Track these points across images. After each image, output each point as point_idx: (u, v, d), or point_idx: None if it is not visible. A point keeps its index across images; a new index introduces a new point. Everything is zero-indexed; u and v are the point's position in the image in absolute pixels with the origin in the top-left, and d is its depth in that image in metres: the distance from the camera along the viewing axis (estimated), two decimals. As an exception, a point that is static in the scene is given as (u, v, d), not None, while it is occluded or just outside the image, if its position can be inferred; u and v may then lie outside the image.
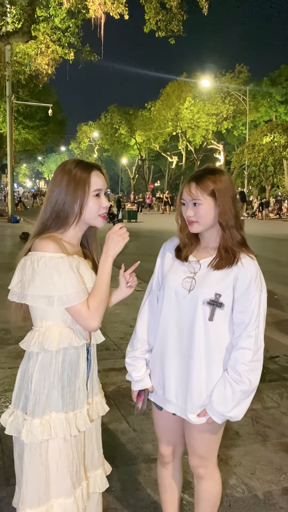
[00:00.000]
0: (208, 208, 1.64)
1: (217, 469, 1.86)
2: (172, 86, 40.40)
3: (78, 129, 52.98)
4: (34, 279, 1.46)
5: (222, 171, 1.70)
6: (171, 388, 1.74)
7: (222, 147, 41.26)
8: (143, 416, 3.19)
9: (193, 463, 1.82)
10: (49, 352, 1.54)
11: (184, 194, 1.67)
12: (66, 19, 13.46)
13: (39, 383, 1.54)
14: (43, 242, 1.50)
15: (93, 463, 1.74)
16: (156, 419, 1.91)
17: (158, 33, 13.26)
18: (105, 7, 13.20)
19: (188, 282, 1.69)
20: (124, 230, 1.61)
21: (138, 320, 1.88)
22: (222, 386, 1.64)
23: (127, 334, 4.98)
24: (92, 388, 1.71)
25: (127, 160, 55.88)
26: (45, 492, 1.54)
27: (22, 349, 1.62)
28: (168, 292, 1.74)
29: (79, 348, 1.59)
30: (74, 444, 1.58)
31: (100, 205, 1.60)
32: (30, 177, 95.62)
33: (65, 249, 1.54)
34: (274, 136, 30.42)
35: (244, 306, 1.63)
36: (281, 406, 3.48)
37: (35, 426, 1.51)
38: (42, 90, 25.31)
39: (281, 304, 6.97)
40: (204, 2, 12.39)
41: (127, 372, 1.87)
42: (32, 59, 15.92)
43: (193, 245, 1.76)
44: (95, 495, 1.75)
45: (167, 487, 1.99)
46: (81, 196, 1.55)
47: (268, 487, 2.51)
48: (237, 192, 14.99)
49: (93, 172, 1.58)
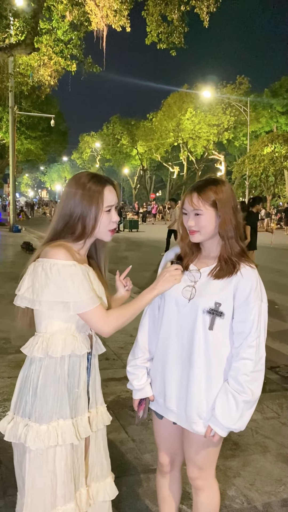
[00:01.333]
0: (209, 218, 1.65)
1: (215, 481, 1.85)
2: (173, 97, 40.78)
3: (80, 140, 53.39)
4: (49, 285, 1.49)
5: (223, 182, 1.71)
6: (172, 397, 1.74)
7: (223, 157, 41.51)
8: (142, 427, 3.18)
9: (192, 475, 1.81)
10: (53, 359, 1.55)
11: (186, 204, 1.69)
12: (69, 31, 13.63)
13: (44, 389, 1.55)
14: (55, 250, 1.52)
15: (103, 472, 1.75)
16: (156, 427, 1.91)
17: (159, 45, 13.41)
18: (107, 19, 13.38)
19: (188, 291, 1.70)
20: (178, 272, 1.67)
21: (140, 329, 1.89)
22: (225, 398, 1.63)
23: (127, 344, 4.97)
24: (96, 398, 1.73)
25: (129, 170, 56.18)
26: (51, 500, 1.54)
27: (22, 359, 1.63)
28: (169, 300, 1.75)
29: (81, 356, 1.61)
30: (75, 450, 1.60)
31: (110, 220, 1.64)
32: (32, 187, 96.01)
33: (76, 257, 1.57)
34: (275, 146, 30.56)
35: (244, 315, 1.64)
36: (281, 417, 3.46)
37: (42, 432, 1.52)
38: (44, 101, 25.49)
39: (282, 314, 6.96)
40: (205, 14, 12.54)
41: (128, 382, 1.87)
42: (34, 70, 16.09)
43: (194, 254, 1.78)
44: (106, 503, 1.76)
45: (166, 497, 1.98)
46: (95, 210, 1.59)
47: (267, 498, 2.50)
48: (238, 202, 15.01)
49: (106, 188, 1.62)
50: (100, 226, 1.62)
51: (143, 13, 13.12)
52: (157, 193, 62.47)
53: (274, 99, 38.99)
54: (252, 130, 38.50)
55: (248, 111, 34.52)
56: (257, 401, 1.67)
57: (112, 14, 13.09)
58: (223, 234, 1.67)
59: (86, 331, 1.66)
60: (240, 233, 1.71)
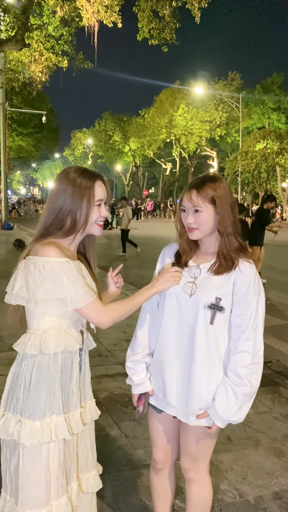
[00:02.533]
0: (208, 215, 1.67)
1: (208, 475, 1.87)
2: (165, 93, 40.69)
3: (72, 136, 53.14)
4: (44, 283, 1.49)
5: (221, 179, 1.73)
6: (172, 392, 1.75)
7: (215, 153, 41.56)
8: (135, 423, 3.20)
9: (185, 465, 1.83)
10: (46, 355, 1.56)
11: (185, 201, 1.70)
12: (60, 27, 13.56)
13: (37, 385, 1.56)
14: (46, 247, 1.52)
15: (87, 465, 1.76)
16: (153, 423, 1.92)
17: (151, 41, 13.40)
18: (99, 15, 13.32)
19: (188, 287, 1.72)
20: (178, 274, 1.69)
21: (138, 324, 1.90)
22: (224, 391, 1.66)
23: (120, 340, 4.98)
24: (85, 392, 1.74)
25: (122, 167, 56.03)
26: (45, 495, 1.55)
27: (14, 357, 1.63)
28: (169, 297, 1.76)
29: (73, 352, 1.62)
30: (67, 445, 1.62)
31: (100, 214, 1.64)
32: (24, 184, 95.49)
33: (67, 254, 1.57)
34: (267, 142, 30.63)
35: (242, 310, 1.67)
36: (273, 411, 3.49)
37: (36, 428, 1.53)
38: (36, 97, 25.36)
39: (274, 309, 7.01)
40: (196, 10, 12.53)
41: (125, 377, 1.89)
42: (25, 66, 15.99)
43: (193, 250, 1.79)
44: (88, 495, 1.77)
45: (160, 494, 1.99)
46: (86, 206, 1.59)
47: (259, 491, 2.52)
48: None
49: (96, 183, 1.62)
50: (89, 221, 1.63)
51: (134, 9, 13.10)
52: (150, 190, 62.42)
53: (266, 95, 39.08)
54: (244, 126, 38.56)
55: (240, 107, 34.57)
56: (256, 393, 1.70)
57: (103, 9, 13.04)
58: (222, 230, 1.69)
59: (78, 327, 1.67)
60: (238, 229, 1.73)
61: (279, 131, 31.72)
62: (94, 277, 1.75)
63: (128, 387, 3.72)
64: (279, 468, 2.74)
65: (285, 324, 6.30)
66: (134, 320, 1.95)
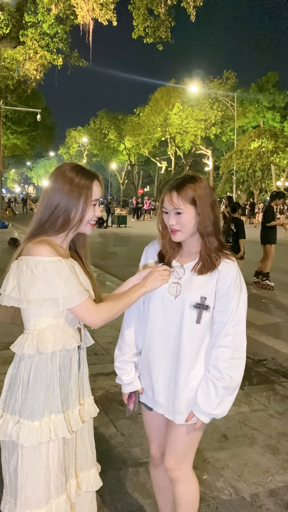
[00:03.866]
0: (189, 216, 1.67)
1: (193, 473, 1.87)
2: (160, 91, 40.63)
3: (67, 134, 52.98)
4: (36, 283, 1.48)
5: (201, 179, 1.73)
6: (159, 391, 1.77)
7: (210, 152, 41.57)
8: (131, 421, 3.20)
9: (168, 465, 1.83)
10: (44, 355, 1.56)
11: (166, 202, 1.70)
12: (55, 25, 13.51)
13: (35, 385, 1.55)
14: (38, 246, 1.51)
15: (87, 463, 1.76)
16: (146, 420, 1.94)
17: (146, 39, 13.36)
18: (94, 13, 13.26)
19: (173, 287, 1.72)
20: (167, 273, 1.70)
21: (125, 324, 1.90)
22: (205, 385, 1.68)
23: (115, 339, 4.95)
24: (83, 390, 1.75)
25: (117, 165, 55.95)
26: (45, 494, 1.55)
27: (10, 355, 1.62)
28: (154, 297, 1.77)
29: (71, 350, 1.62)
30: (66, 444, 1.62)
31: (94, 214, 1.64)
32: (19, 183, 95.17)
33: (59, 252, 1.56)
34: (261, 141, 30.70)
35: (223, 306, 1.68)
36: (268, 409, 3.50)
37: (35, 428, 1.52)
38: (30, 95, 25.25)
39: (269, 307, 7.04)
40: (191, 9, 12.51)
41: (117, 376, 1.89)
42: (20, 64, 15.90)
43: (175, 250, 1.79)
44: (89, 494, 1.77)
45: (161, 488, 2.01)
46: (83, 205, 1.59)
47: (255, 489, 2.53)
48: (225, 196, 15.03)
49: (94, 182, 1.62)
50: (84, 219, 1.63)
51: (129, 7, 13.05)
52: (145, 189, 62.40)
53: (261, 94, 39.17)
54: (239, 125, 38.60)
55: (235, 106, 34.60)
56: (238, 388, 1.71)
57: (98, 7, 12.98)
58: (202, 231, 1.69)
59: (75, 324, 1.66)
60: (218, 228, 1.73)
61: (274, 130, 31.81)
62: (89, 273, 1.74)
63: (124, 385, 3.73)
64: (275, 466, 2.75)
65: (279, 322, 6.33)
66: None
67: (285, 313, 6.77)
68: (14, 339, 1.63)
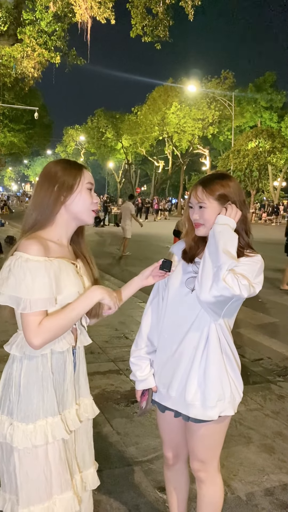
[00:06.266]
0: (213, 212, 1.66)
1: (218, 474, 1.86)
2: (158, 91, 40.60)
3: (65, 133, 52.86)
4: (9, 278, 1.43)
5: (230, 177, 1.72)
6: (173, 385, 1.74)
7: (208, 152, 41.60)
8: (127, 419, 3.20)
9: (194, 467, 1.84)
10: (34, 357, 1.52)
11: (191, 197, 1.71)
12: (53, 22, 13.47)
13: (27, 388, 1.51)
14: (27, 242, 1.46)
15: (85, 463, 1.74)
16: (160, 422, 1.93)
17: (144, 38, 13.32)
18: (92, 11, 13.21)
19: (191, 281, 1.71)
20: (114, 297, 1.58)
21: (143, 320, 1.89)
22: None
23: (112, 338, 4.97)
24: (80, 390, 1.70)
25: (114, 164, 55.90)
26: (46, 490, 1.54)
27: (5, 353, 1.61)
28: (172, 291, 1.77)
29: (65, 352, 1.58)
30: (66, 442, 1.60)
31: (92, 200, 1.60)
32: (16, 181, 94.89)
33: (50, 251, 1.51)
34: (259, 141, 30.75)
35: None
36: (264, 408, 3.51)
37: (29, 431, 1.49)
38: (28, 93, 25.12)
39: (265, 307, 7.05)
40: (190, 8, 12.49)
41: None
42: (18, 62, 15.83)
43: (200, 248, 1.77)
44: (86, 493, 1.76)
45: (173, 490, 2.01)
46: (69, 187, 1.55)
47: (250, 488, 2.53)
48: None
49: (83, 169, 1.61)
50: (82, 203, 1.58)
51: (127, 6, 13.03)
52: (142, 188, 62.34)
53: (258, 94, 39.22)
54: (236, 125, 38.66)
55: (233, 105, 34.64)
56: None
57: (97, 5, 12.94)
58: None
59: None
60: (246, 227, 1.72)
61: (271, 130, 31.88)
62: (92, 274, 1.69)
63: (119, 384, 3.73)
64: (270, 465, 2.76)
65: (275, 322, 6.34)
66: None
67: (281, 313, 6.79)
68: (8, 338, 1.62)
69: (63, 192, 1.55)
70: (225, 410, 1.71)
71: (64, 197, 1.56)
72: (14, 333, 1.61)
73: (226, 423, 1.79)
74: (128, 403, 3.42)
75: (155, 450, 2.85)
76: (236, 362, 1.75)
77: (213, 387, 1.67)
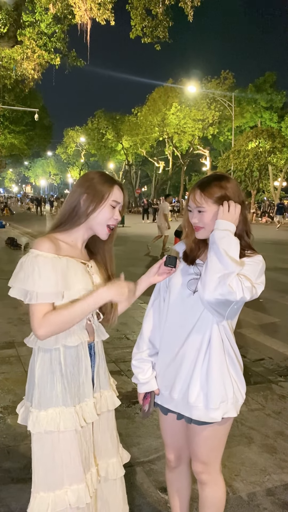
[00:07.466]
0: (212, 215, 1.64)
1: (220, 475, 1.86)
2: (158, 91, 40.61)
3: (65, 134, 52.94)
4: (19, 272, 1.53)
5: (228, 178, 1.69)
6: (176, 387, 1.74)
7: (208, 152, 41.58)
8: (128, 420, 3.20)
9: (196, 469, 1.83)
10: (48, 350, 1.60)
11: (190, 201, 1.69)
12: (52, 24, 13.51)
13: (42, 378, 1.61)
14: (40, 240, 1.57)
15: (107, 452, 1.81)
16: (162, 424, 1.93)
17: (144, 39, 13.35)
18: (91, 13, 13.24)
19: (193, 283, 1.71)
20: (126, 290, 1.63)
21: (145, 322, 1.89)
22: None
23: (113, 339, 4.97)
24: (100, 382, 1.77)
25: (114, 165, 55.90)
26: (57, 479, 1.61)
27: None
28: (174, 292, 1.76)
29: (79, 346, 1.64)
30: (83, 434, 1.65)
31: (113, 216, 1.66)
32: (16, 182, 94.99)
33: (61, 250, 1.59)
34: (259, 141, 30.72)
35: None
36: (265, 408, 3.51)
37: (41, 417, 1.59)
38: (28, 95, 25.18)
39: (266, 307, 7.04)
40: (189, 9, 12.50)
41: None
42: (18, 64, 15.85)
43: (201, 249, 1.76)
44: (110, 481, 1.83)
45: (175, 492, 2.01)
46: (98, 200, 1.63)
47: (252, 488, 2.53)
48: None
49: (115, 186, 1.67)
50: (101, 216, 1.64)
51: (127, 7, 13.05)
52: (142, 188, 62.37)
53: (258, 94, 39.16)
54: (236, 125, 38.63)
55: (233, 106, 34.63)
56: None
57: (96, 7, 12.96)
58: None
59: (82, 321, 1.64)
60: (246, 228, 1.70)
61: (271, 130, 31.83)
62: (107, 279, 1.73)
63: (121, 384, 3.72)
64: (272, 465, 2.76)
65: (276, 322, 6.34)
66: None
67: (282, 313, 6.78)
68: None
69: (90, 204, 1.64)
70: (228, 411, 1.71)
71: (89, 208, 1.64)
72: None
73: (229, 424, 1.79)
74: (130, 404, 3.42)
75: (157, 450, 2.85)
76: (238, 364, 1.74)
77: (216, 388, 1.67)
